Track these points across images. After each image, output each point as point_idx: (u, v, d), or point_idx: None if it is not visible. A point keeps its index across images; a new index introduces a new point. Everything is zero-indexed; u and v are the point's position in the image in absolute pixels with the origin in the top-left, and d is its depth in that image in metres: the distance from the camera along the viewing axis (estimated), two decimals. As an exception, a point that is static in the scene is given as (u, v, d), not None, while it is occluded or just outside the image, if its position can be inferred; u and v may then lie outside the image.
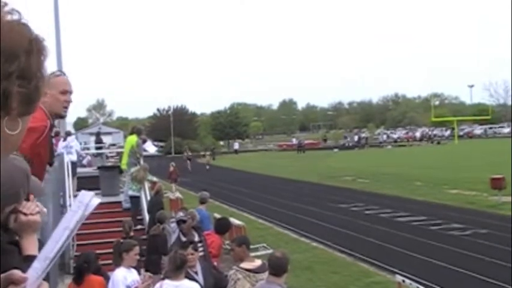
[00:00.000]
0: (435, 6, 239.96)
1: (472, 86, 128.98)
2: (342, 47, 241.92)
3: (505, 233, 18.42)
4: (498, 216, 21.91)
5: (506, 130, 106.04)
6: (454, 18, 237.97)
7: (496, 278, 13.32)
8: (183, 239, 9.63)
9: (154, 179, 26.03)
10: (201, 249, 8.82)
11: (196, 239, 9.54)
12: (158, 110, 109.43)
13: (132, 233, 11.44)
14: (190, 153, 59.66)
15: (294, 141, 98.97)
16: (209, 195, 14.25)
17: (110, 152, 30.13)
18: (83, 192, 2.09)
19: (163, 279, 7.12)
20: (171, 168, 35.11)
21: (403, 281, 9.87)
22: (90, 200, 2.07)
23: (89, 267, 7.48)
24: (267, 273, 6.75)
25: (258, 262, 7.20)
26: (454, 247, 16.76)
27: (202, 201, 13.42)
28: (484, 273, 13.72)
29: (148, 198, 15.64)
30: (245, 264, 7.15)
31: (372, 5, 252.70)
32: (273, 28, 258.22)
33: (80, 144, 26.38)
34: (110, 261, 9.90)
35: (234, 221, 17.43)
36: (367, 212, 24.48)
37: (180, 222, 10.07)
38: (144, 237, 12.99)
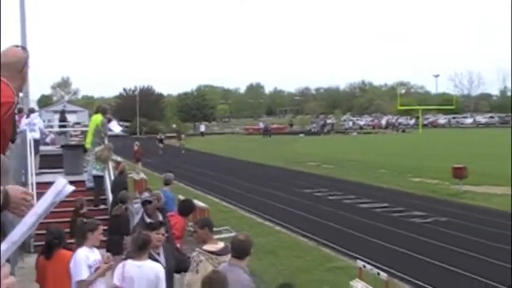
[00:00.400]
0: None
1: (437, 76, 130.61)
2: (311, 33, 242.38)
3: (465, 221, 18.77)
4: (459, 204, 22.29)
5: (469, 120, 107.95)
6: (422, 8, 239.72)
7: (455, 265, 13.56)
8: (147, 219, 9.58)
9: (119, 158, 25.82)
10: (165, 230, 8.79)
11: (160, 219, 9.50)
12: (124, 89, 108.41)
13: (84, 210, 11.30)
14: (163, 135, 56.91)
15: (261, 125, 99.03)
16: (173, 177, 14.19)
17: (74, 131, 29.79)
18: (58, 179, 2.06)
19: (125, 259, 7.07)
20: (136, 148, 35.40)
21: (364, 266, 9.97)
22: (64, 187, 2.04)
23: (59, 242, 7.68)
24: (229, 255, 6.75)
25: (220, 245, 7.20)
26: (415, 234, 17.00)
27: (167, 183, 13.34)
28: (444, 261, 13.96)
29: (112, 178, 15.51)
30: (208, 247, 7.13)
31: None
32: (241, 11, 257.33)
33: (44, 121, 25.99)
34: (72, 240, 9.81)
35: (198, 203, 17.38)
36: (330, 197, 24.67)
37: (145, 202, 10.01)
38: (106, 217, 12.89)
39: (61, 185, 2.03)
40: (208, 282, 5.17)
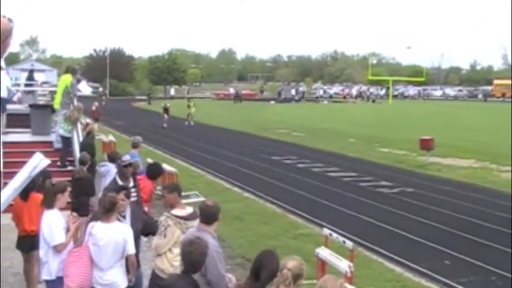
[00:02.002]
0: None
1: (409, 48, 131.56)
2: (286, 1, 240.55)
3: (430, 192, 19.03)
4: (425, 176, 22.58)
5: (439, 93, 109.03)
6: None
7: (420, 235, 13.77)
8: (120, 182, 9.47)
9: (88, 120, 25.56)
10: (134, 194, 8.71)
11: (131, 184, 9.41)
12: (95, 50, 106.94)
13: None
14: (168, 104, 43.81)
15: (231, 90, 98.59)
16: (142, 140, 14.08)
17: (43, 90, 29.28)
18: (36, 154, 2.05)
19: (95, 221, 7.00)
20: (94, 108, 37.39)
21: (330, 234, 10.05)
22: (40, 161, 2.03)
23: (33, 185, 8.40)
24: (197, 220, 6.74)
25: (189, 209, 7.19)
26: (382, 204, 17.19)
27: (135, 146, 13.24)
28: (408, 230, 14.16)
29: (81, 139, 15.33)
30: (176, 211, 7.12)
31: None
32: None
33: (11, 80, 25.43)
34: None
35: (167, 167, 17.32)
36: (299, 165, 24.78)
37: (127, 165, 9.83)
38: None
39: (37, 160, 2.05)
40: (189, 245, 5.13)
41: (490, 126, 42.48)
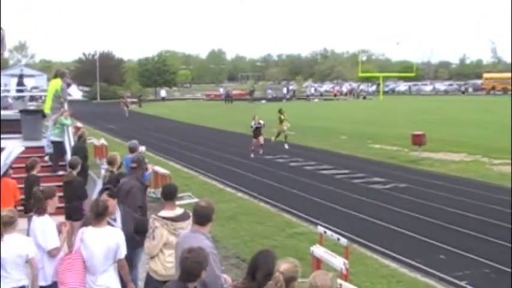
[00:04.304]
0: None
1: (398, 43, 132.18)
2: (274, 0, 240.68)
3: (422, 187, 19.08)
4: (417, 171, 22.65)
5: (429, 88, 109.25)
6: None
7: (413, 230, 13.81)
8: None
9: (78, 124, 25.52)
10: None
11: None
12: (84, 54, 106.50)
13: (34, 172, 10.95)
14: (261, 122, 28.31)
15: (222, 91, 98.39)
16: (138, 144, 14.11)
17: (33, 95, 29.19)
18: (10, 142, 2.03)
19: (86, 225, 6.96)
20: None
21: (325, 232, 10.06)
22: (13, 148, 2.01)
23: (5, 172, 9.69)
24: (186, 222, 6.74)
25: (179, 211, 7.15)
26: (375, 200, 17.22)
27: (132, 150, 13.27)
28: (402, 226, 14.20)
29: (72, 144, 15.29)
30: (164, 213, 7.10)
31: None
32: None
33: (0, 86, 25.32)
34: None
35: (160, 169, 17.33)
36: (292, 164, 24.78)
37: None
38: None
39: (11, 147, 2.03)
40: (187, 252, 4.97)
41: (481, 119, 42.59)
